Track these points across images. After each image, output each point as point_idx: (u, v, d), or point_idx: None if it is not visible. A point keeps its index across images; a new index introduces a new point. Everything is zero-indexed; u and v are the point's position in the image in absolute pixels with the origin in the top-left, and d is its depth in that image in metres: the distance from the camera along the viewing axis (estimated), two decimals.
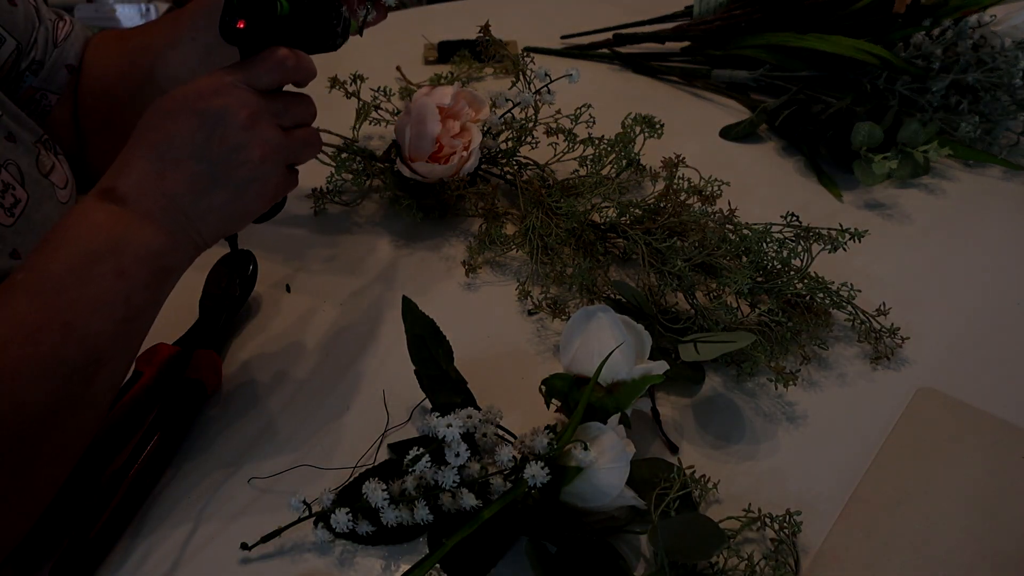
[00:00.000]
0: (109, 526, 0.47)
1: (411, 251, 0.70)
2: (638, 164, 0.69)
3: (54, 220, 0.60)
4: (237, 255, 0.63)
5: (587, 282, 0.62)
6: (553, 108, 0.71)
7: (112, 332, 0.43)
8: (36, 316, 0.41)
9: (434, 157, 0.68)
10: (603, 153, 0.69)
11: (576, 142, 0.70)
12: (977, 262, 0.70)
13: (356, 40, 1.07)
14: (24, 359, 0.40)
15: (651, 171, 0.67)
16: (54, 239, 0.43)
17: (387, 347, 0.58)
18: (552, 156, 0.71)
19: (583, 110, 0.70)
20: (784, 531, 0.47)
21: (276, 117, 0.47)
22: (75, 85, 0.67)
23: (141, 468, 0.49)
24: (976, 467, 0.53)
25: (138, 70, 0.64)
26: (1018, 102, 0.82)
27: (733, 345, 0.53)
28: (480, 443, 0.48)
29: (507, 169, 0.73)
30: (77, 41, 0.67)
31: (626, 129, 0.69)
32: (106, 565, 0.47)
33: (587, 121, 0.70)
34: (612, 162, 0.69)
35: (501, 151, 0.73)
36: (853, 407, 0.57)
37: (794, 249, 0.59)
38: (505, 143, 0.73)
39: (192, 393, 0.54)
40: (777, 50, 0.89)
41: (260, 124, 0.46)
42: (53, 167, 0.62)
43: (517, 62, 0.70)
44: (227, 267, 0.63)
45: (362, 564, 0.47)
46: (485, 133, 0.71)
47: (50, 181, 0.61)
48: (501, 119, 0.70)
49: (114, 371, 0.44)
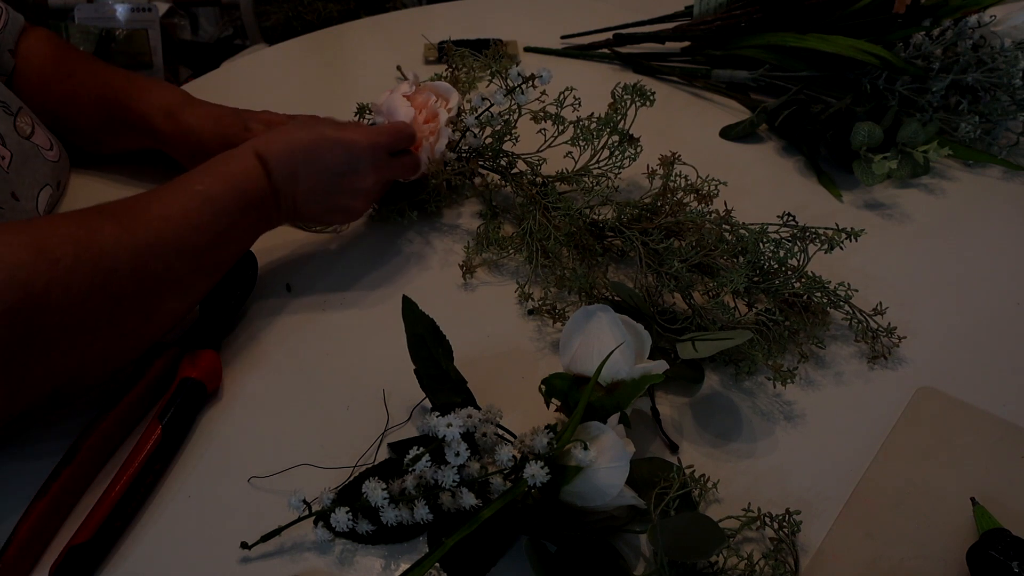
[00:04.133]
0: (109, 527, 0.47)
1: (411, 251, 0.70)
2: (630, 138, 0.68)
3: (47, 175, 0.69)
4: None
5: (584, 286, 0.62)
6: (540, 99, 0.70)
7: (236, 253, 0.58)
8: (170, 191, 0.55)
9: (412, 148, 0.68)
10: (595, 131, 0.68)
11: (565, 124, 0.69)
12: (977, 262, 0.70)
13: (357, 40, 1.08)
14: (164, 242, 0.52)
15: (648, 168, 0.66)
16: (210, 161, 0.58)
17: (387, 347, 0.58)
18: (543, 143, 0.70)
19: (567, 94, 0.69)
20: (784, 530, 0.47)
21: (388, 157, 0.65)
22: (12, 68, 0.73)
23: (141, 468, 0.49)
24: (976, 467, 0.53)
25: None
26: (1018, 102, 0.82)
27: (731, 342, 0.53)
28: (480, 443, 0.48)
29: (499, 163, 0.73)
30: (15, 29, 0.73)
31: (617, 100, 0.68)
32: (106, 565, 0.47)
33: (573, 104, 0.69)
34: (605, 134, 0.68)
35: (486, 146, 0.72)
36: (852, 406, 0.57)
37: (791, 249, 0.59)
38: (488, 139, 0.72)
39: (192, 393, 0.54)
40: (777, 50, 0.90)
41: (378, 168, 0.64)
42: (33, 131, 0.69)
43: (493, 63, 0.69)
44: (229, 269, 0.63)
45: (362, 563, 0.47)
46: (464, 133, 0.71)
47: (32, 143, 0.68)
48: (477, 119, 0.70)
49: (201, 258, 0.55)
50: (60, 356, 0.46)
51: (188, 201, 0.54)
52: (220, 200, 0.55)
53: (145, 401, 0.54)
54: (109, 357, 0.50)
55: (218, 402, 0.56)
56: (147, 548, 0.48)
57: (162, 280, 0.51)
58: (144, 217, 0.52)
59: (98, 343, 0.48)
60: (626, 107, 0.67)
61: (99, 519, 0.47)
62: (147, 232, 0.51)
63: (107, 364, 0.51)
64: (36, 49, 0.74)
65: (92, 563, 0.46)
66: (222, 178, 0.56)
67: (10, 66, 0.73)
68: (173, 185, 0.55)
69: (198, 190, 0.55)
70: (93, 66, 0.75)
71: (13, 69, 0.73)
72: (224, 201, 0.56)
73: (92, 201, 0.73)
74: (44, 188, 0.68)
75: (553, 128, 0.69)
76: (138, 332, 0.52)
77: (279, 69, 1.01)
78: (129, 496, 0.48)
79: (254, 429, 0.55)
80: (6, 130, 0.65)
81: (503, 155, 0.73)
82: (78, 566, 0.46)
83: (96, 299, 0.47)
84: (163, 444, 0.51)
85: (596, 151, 0.68)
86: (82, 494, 0.50)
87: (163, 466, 0.51)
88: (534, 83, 0.67)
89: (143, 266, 0.50)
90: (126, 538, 0.48)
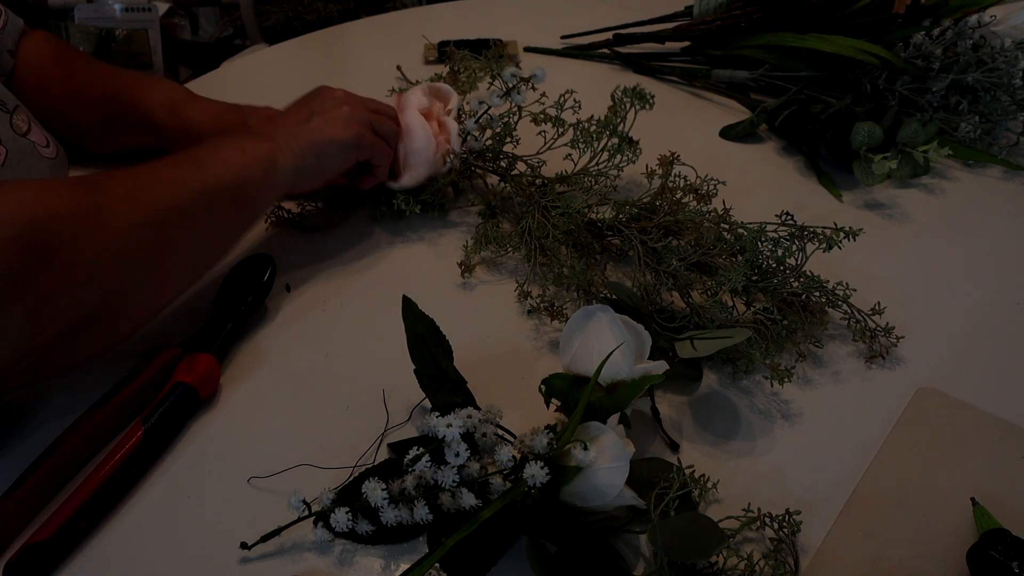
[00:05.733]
0: (72, 527, 0.46)
1: (411, 251, 0.70)
2: (630, 140, 0.68)
3: (44, 173, 0.70)
4: (255, 259, 0.63)
5: (583, 284, 0.62)
6: (540, 101, 0.70)
7: (230, 180, 0.57)
8: (179, 158, 0.57)
9: None
10: (594, 134, 0.68)
11: (565, 126, 0.69)
12: (977, 262, 0.70)
13: (357, 40, 1.08)
14: (169, 176, 0.54)
15: (647, 168, 0.66)
16: (202, 143, 0.59)
17: (387, 347, 0.58)
18: (543, 145, 0.70)
19: (567, 96, 0.69)
20: (784, 531, 0.47)
21: (369, 114, 0.67)
22: (11, 68, 0.74)
23: (114, 471, 0.48)
24: (976, 467, 0.53)
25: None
26: (1018, 102, 0.82)
27: (730, 340, 0.53)
28: (480, 443, 0.48)
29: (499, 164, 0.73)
30: (14, 30, 0.74)
31: (616, 102, 0.68)
32: (107, 565, 0.47)
33: (573, 106, 0.69)
34: (605, 137, 0.68)
35: (487, 148, 0.72)
36: (851, 406, 0.57)
37: (789, 248, 0.59)
38: (488, 141, 0.73)
39: (182, 398, 0.53)
40: (777, 50, 0.89)
41: (354, 100, 0.68)
42: (29, 128, 0.69)
43: (490, 65, 0.69)
44: (243, 272, 0.63)
45: (362, 563, 0.47)
46: (465, 137, 0.71)
47: (29, 140, 0.68)
48: (476, 123, 0.70)
49: (227, 213, 0.58)
50: (79, 291, 0.47)
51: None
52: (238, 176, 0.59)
53: (143, 399, 0.54)
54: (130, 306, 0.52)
55: (217, 402, 0.56)
56: (147, 548, 0.48)
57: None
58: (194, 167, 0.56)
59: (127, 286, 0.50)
60: (625, 110, 0.67)
61: (62, 519, 0.46)
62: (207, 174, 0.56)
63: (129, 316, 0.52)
64: (36, 50, 0.75)
65: (49, 563, 0.45)
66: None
67: (9, 66, 0.74)
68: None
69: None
70: (93, 65, 0.76)
71: (12, 70, 0.74)
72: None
73: None
74: None
75: (553, 130, 0.69)
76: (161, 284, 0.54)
77: (279, 69, 1.01)
78: (98, 498, 0.47)
79: (254, 429, 0.55)
80: (1, 127, 0.65)
81: (503, 156, 0.73)
82: (34, 565, 0.44)
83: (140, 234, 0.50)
84: (142, 448, 0.50)
85: (596, 153, 0.68)
86: (59, 490, 0.49)
87: (140, 471, 0.50)
88: (530, 84, 0.67)
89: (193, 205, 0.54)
90: (126, 538, 0.48)
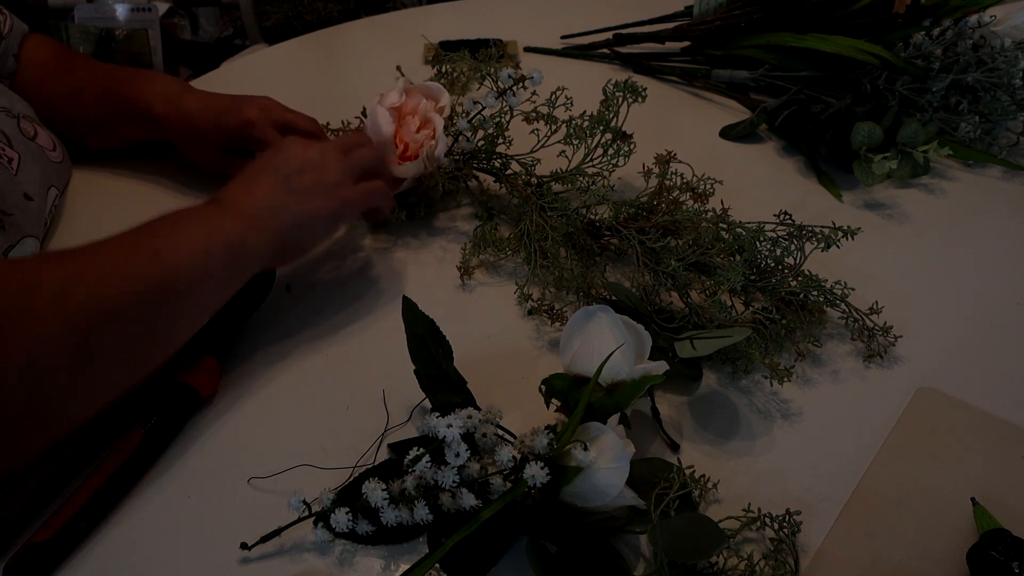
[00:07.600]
0: (72, 528, 0.46)
1: (411, 251, 0.70)
2: (623, 135, 0.68)
3: (52, 176, 0.70)
4: None
5: (583, 286, 0.62)
6: (531, 100, 0.70)
7: (189, 270, 0.51)
8: (133, 239, 0.51)
9: (404, 157, 0.68)
10: (587, 129, 0.67)
11: (558, 124, 0.69)
12: (977, 262, 0.70)
13: (357, 40, 1.08)
14: (115, 266, 0.48)
15: (644, 167, 0.66)
16: (162, 217, 0.53)
17: (387, 347, 0.58)
18: (536, 143, 0.70)
19: (558, 94, 0.69)
20: (784, 531, 0.47)
21: (348, 163, 0.61)
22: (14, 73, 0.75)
23: (114, 472, 0.48)
24: (976, 467, 0.53)
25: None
26: (1018, 102, 0.82)
27: (730, 340, 0.53)
28: (480, 443, 0.48)
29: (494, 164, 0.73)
30: (19, 34, 0.75)
31: (608, 96, 0.67)
32: (107, 565, 0.47)
33: (565, 103, 0.69)
34: (598, 132, 0.67)
35: (479, 148, 0.72)
36: (850, 406, 0.57)
37: (787, 247, 0.59)
38: (480, 142, 0.72)
39: (182, 399, 0.53)
40: (777, 50, 0.89)
41: (328, 155, 0.60)
42: (36, 133, 0.70)
43: (483, 66, 0.69)
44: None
45: (362, 564, 0.47)
46: (457, 136, 0.70)
47: (37, 144, 0.69)
48: (469, 123, 0.70)
49: (181, 308, 0.51)
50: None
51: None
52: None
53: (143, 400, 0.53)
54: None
55: (217, 402, 0.56)
56: (147, 548, 0.48)
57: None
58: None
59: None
60: (618, 104, 0.67)
61: (62, 519, 0.46)
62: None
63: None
64: (36, 50, 0.76)
65: (49, 563, 0.45)
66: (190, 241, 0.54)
67: (13, 70, 0.74)
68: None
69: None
70: (93, 63, 0.77)
71: (15, 73, 0.74)
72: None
73: (91, 201, 0.73)
74: (51, 189, 0.69)
75: (546, 128, 0.69)
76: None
77: (279, 69, 1.01)
78: (98, 498, 0.47)
79: (254, 429, 0.55)
80: (12, 132, 0.66)
81: (496, 156, 0.73)
82: (34, 565, 0.44)
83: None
84: (142, 448, 0.50)
85: (590, 149, 0.68)
86: (59, 490, 0.49)
87: (140, 471, 0.50)
88: (525, 85, 0.67)
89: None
90: (126, 538, 0.48)
